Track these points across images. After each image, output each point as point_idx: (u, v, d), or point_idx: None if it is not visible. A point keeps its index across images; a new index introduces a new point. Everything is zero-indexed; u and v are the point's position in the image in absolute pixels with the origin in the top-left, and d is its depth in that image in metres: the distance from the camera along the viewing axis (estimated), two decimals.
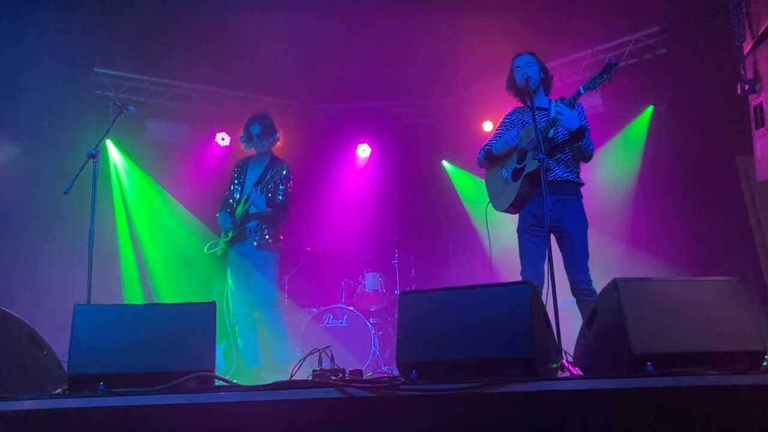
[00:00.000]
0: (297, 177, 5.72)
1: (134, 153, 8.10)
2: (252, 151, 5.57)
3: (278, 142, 5.61)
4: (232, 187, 5.58)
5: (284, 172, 5.38)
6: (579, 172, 4.41)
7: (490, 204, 4.62)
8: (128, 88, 7.98)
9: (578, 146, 4.23)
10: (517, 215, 4.49)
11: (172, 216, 8.04)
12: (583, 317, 4.03)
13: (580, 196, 4.37)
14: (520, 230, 4.38)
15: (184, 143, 8.27)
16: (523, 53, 4.53)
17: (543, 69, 4.48)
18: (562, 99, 4.35)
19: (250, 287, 5.36)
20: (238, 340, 5.57)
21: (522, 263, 4.34)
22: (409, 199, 8.65)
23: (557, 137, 4.28)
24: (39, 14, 6.20)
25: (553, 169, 4.28)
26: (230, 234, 5.38)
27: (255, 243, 5.30)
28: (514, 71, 4.51)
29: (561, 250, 4.29)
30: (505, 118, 4.67)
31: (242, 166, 5.63)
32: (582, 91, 4.03)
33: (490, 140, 4.64)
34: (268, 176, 5.35)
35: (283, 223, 5.50)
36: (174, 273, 7.76)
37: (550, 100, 4.39)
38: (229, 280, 5.47)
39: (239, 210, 5.37)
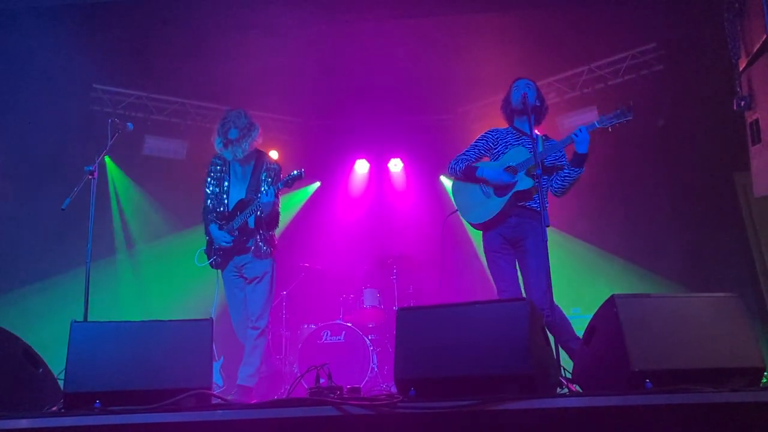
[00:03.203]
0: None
1: (132, 169, 8.10)
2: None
3: (259, 138, 5.05)
4: (217, 186, 5.09)
5: (276, 170, 5.06)
6: (546, 209, 4.41)
7: (456, 213, 4.61)
8: (127, 104, 8.01)
9: (571, 175, 4.26)
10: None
11: (169, 233, 8.02)
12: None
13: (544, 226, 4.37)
14: (490, 250, 4.40)
15: (183, 159, 8.27)
16: (525, 78, 4.57)
17: (539, 98, 4.51)
18: (546, 137, 4.45)
19: (247, 300, 5.00)
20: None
21: (498, 283, 4.35)
22: (407, 214, 8.66)
23: (549, 163, 4.36)
24: (38, 31, 6.22)
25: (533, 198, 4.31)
26: (228, 246, 4.96)
27: (252, 253, 4.95)
28: (512, 89, 4.56)
29: (521, 269, 4.32)
30: (487, 134, 4.62)
31: (224, 165, 5.14)
32: (597, 126, 4.11)
33: (467, 152, 4.58)
34: (265, 177, 5.00)
35: (276, 225, 5.12)
36: (171, 290, 7.73)
37: (537, 135, 4.39)
38: (227, 296, 5.12)
39: (237, 221, 4.92)
